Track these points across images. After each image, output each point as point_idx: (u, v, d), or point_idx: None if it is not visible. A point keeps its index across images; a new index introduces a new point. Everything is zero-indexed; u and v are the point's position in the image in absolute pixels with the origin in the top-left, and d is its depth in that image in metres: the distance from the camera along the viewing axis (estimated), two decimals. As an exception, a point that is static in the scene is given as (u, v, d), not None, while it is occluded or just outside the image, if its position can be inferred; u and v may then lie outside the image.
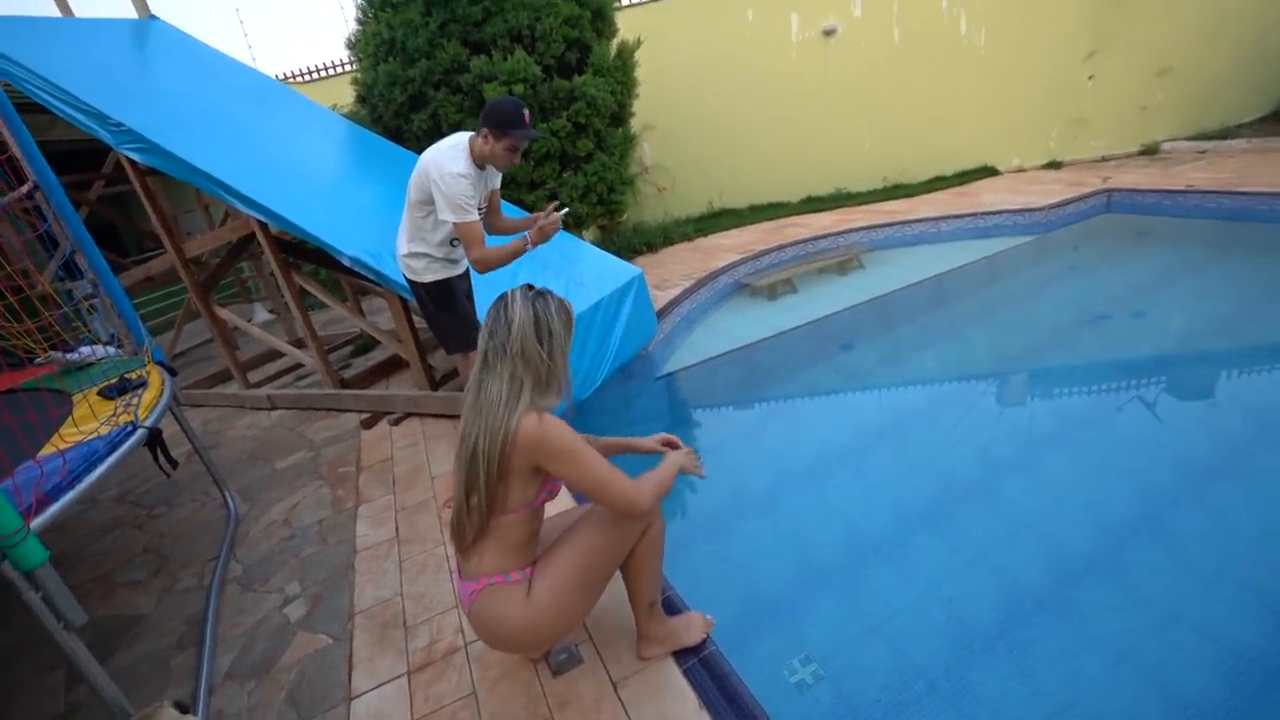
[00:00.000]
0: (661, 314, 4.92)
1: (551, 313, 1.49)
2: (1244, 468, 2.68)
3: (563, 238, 4.48)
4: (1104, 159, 8.37)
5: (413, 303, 3.23)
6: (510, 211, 3.81)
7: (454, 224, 2.56)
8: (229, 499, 3.22)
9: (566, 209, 2.91)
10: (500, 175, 2.83)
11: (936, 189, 8.08)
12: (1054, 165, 8.44)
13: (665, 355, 4.65)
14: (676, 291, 5.38)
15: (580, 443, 1.46)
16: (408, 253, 2.83)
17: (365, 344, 5.73)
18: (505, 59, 5.75)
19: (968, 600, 2.19)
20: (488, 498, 1.45)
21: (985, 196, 7.14)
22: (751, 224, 8.00)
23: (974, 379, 3.99)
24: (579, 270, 4.02)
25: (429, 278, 2.85)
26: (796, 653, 2.09)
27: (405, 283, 2.98)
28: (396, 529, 2.81)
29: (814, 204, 8.51)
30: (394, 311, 3.87)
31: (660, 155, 8.64)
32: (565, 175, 6.33)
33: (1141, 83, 8.09)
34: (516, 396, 1.44)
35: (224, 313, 4.73)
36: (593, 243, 6.60)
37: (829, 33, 8.14)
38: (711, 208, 9.06)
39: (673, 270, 6.23)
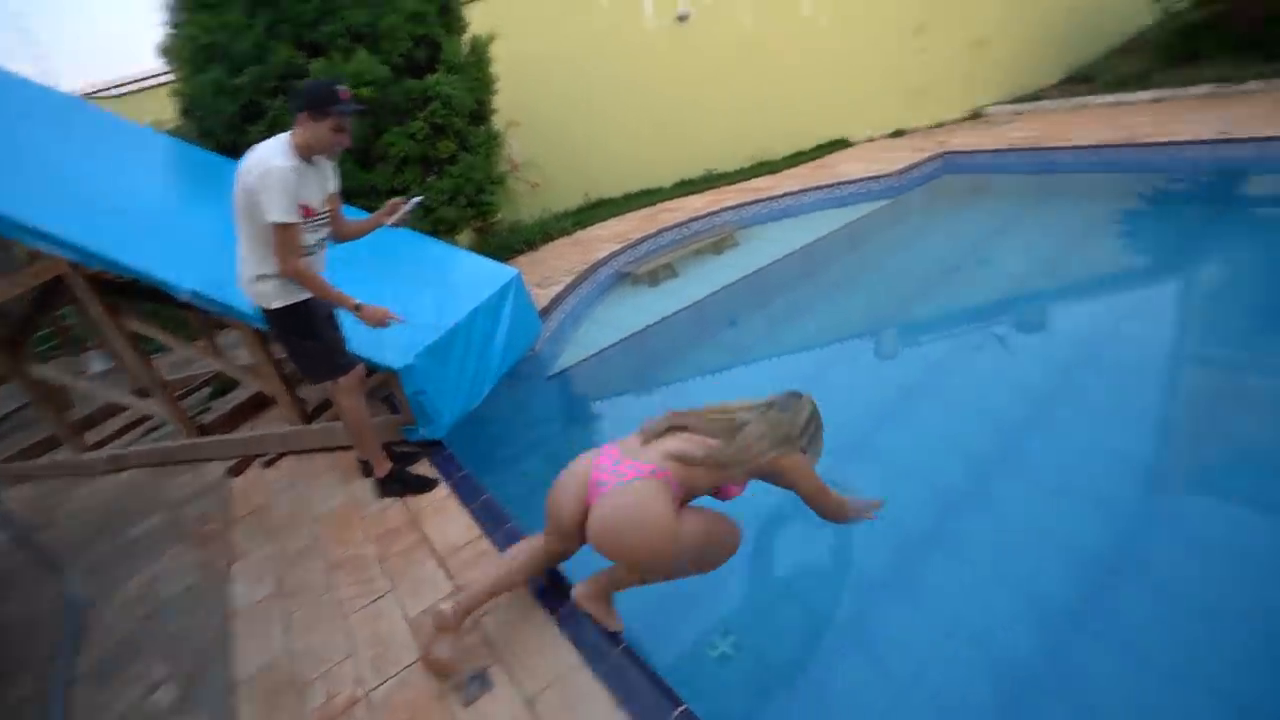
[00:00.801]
0: (546, 312, 4.83)
1: (819, 429, 2.03)
2: (1077, 389, 3.01)
3: (430, 244, 4.27)
4: (939, 125, 9.15)
5: (270, 332, 2.94)
6: (355, 215, 3.56)
7: (274, 224, 2.32)
8: (67, 583, 2.80)
9: (418, 199, 2.74)
10: (337, 174, 2.62)
11: (798, 163, 8.49)
12: (899, 133, 9.12)
13: (554, 353, 4.56)
14: (559, 288, 5.29)
15: (814, 472, 1.93)
16: (253, 275, 2.56)
17: (225, 383, 5.20)
18: (347, 60, 5.37)
19: (862, 550, 2.31)
20: (717, 462, 1.77)
21: (842, 167, 7.58)
22: (628, 212, 8.03)
23: (850, 339, 4.22)
24: (451, 279, 3.85)
25: (280, 302, 2.59)
26: (716, 628, 2.12)
27: (257, 311, 2.70)
28: (279, 581, 2.56)
29: (687, 187, 8.68)
30: (249, 345, 3.52)
31: (529, 150, 8.46)
32: (429, 179, 6.04)
33: (963, 53, 8.90)
34: (777, 444, 1.85)
35: (45, 370, 4.11)
36: (470, 247, 6.36)
37: (682, 18, 8.29)
38: (588, 199, 9.01)
39: (554, 266, 6.13)
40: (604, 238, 6.87)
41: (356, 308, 2.52)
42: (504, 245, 7.02)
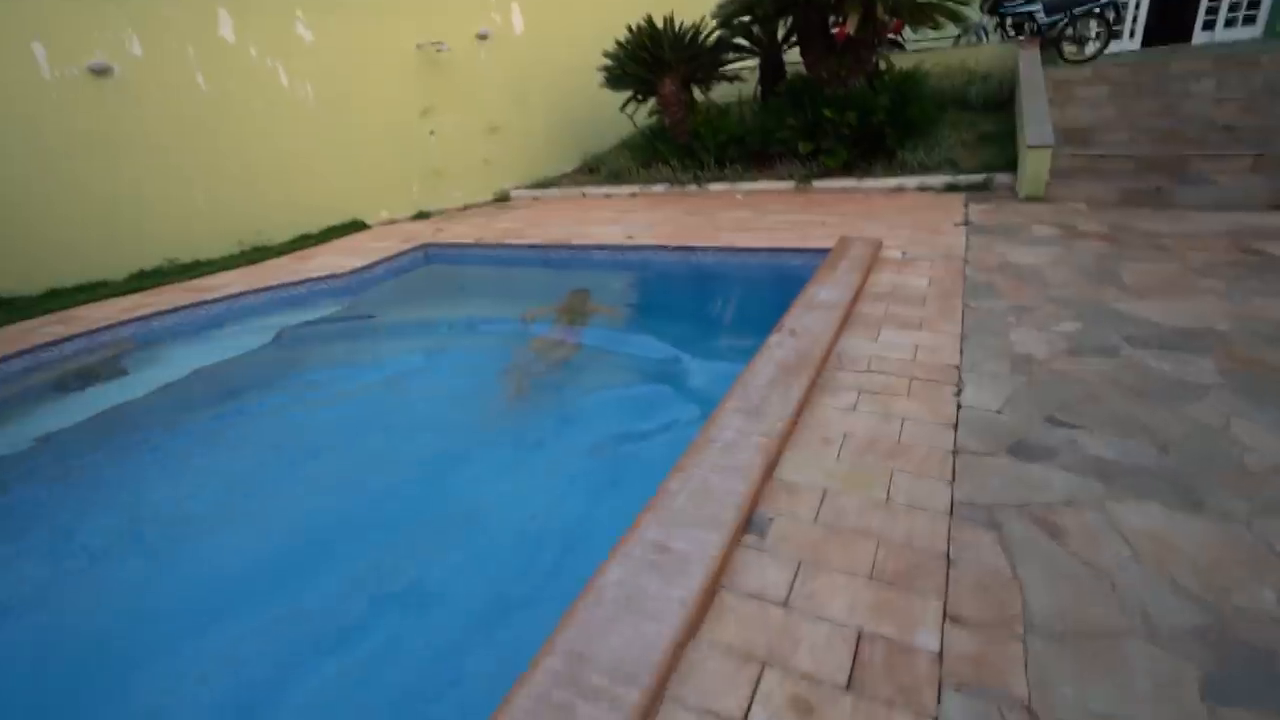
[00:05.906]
0: None
1: None
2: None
3: None
4: (466, 207, 9.04)
5: None
6: None
7: None
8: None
9: None
10: None
11: (300, 248, 7.40)
12: (422, 215, 8.72)
13: None
14: None
15: None
16: None
17: None
18: None
19: None
20: None
21: (319, 259, 6.69)
22: (25, 320, 5.90)
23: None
24: None
25: None
26: None
27: None
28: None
29: (146, 280, 6.86)
30: None
31: None
32: None
33: (478, 138, 9.01)
34: None
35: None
36: None
37: (100, 72, 6.57)
38: (-13, 301, 6.52)
39: None
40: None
41: None
42: None
